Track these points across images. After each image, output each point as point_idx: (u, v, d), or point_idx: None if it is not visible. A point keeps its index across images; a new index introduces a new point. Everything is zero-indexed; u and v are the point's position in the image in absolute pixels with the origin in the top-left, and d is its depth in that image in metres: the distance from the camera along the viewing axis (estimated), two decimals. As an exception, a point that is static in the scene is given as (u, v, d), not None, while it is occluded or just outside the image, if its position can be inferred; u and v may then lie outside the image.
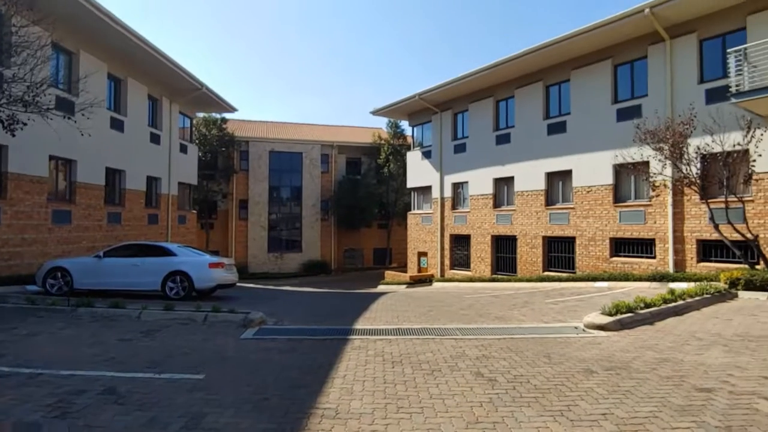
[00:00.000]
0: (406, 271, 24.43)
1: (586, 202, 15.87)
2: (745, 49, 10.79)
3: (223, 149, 31.50)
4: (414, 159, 24.77)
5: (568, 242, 16.59)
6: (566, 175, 16.70)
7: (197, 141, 28.57)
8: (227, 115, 30.42)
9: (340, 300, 14.66)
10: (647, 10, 12.82)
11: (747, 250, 11.03)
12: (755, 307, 8.40)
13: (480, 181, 20.15)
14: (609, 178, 15.16)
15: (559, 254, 16.99)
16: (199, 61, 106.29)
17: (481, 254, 19.99)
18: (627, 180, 14.90)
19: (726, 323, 7.17)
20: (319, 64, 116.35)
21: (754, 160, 11.17)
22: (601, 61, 15.53)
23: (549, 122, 17.31)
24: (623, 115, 14.75)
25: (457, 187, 21.78)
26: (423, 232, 23.77)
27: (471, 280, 18.86)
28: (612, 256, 15.09)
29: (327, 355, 5.99)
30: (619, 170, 14.88)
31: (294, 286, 22.63)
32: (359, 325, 8.29)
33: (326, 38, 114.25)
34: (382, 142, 33.76)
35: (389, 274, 24.44)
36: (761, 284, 9.49)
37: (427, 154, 23.60)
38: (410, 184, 25.14)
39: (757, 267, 10.64)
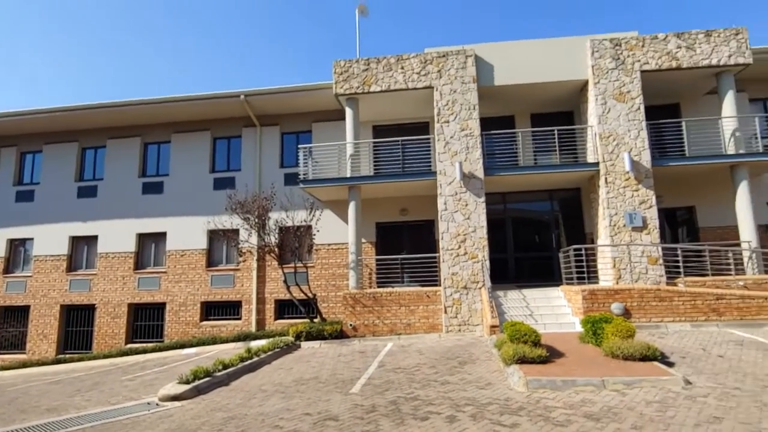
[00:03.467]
0: None
1: (179, 266, 15.48)
2: (311, 148, 13.74)
3: None
4: (-53, 203, 17.80)
5: (158, 309, 15.51)
6: (161, 237, 15.92)
7: None
8: None
9: None
10: (242, 96, 14.65)
11: (310, 306, 13.35)
12: (311, 355, 10.01)
13: (52, 239, 16.42)
14: (203, 243, 15.46)
15: (147, 322, 15.58)
16: None
17: (45, 330, 15.88)
18: (220, 245, 15.58)
19: (288, 372, 8.12)
20: None
21: (314, 235, 13.99)
22: (202, 131, 16.24)
23: (145, 181, 16.32)
24: (219, 184, 15.68)
25: (17, 244, 16.97)
26: (-50, 306, 16.87)
27: (25, 365, 14.49)
28: (203, 320, 15.08)
29: None
30: (213, 236, 15.42)
31: None
32: None
33: None
34: None
35: None
36: (317, 334, 11.54)
37: (-29, 199, 17.50)
38: (-65, 237, 17.71)
39: (315, 320, 12.97)
